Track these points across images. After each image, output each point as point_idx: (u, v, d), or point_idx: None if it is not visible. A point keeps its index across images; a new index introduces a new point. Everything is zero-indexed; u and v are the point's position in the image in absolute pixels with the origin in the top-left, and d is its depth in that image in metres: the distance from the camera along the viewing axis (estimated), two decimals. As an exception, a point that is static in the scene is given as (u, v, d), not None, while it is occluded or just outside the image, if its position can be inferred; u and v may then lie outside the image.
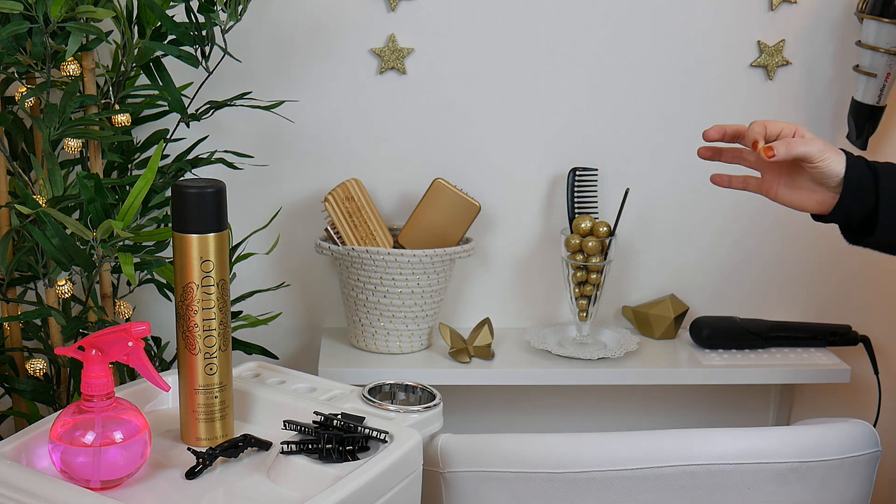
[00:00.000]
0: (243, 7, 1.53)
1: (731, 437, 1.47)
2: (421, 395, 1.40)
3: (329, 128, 1.85)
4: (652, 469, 1.43)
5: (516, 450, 1.45)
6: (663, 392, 2.01)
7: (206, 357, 1.21)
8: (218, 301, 1.21)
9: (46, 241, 1.41)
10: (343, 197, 1.77)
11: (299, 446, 1.18)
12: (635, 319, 1.95)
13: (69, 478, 1.13)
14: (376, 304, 1.78)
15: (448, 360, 1.81)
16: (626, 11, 1.84)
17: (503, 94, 1.86)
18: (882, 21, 1.76)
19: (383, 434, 1.20)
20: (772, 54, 1.87)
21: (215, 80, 1.66)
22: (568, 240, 1.83)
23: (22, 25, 1.40)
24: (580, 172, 1.87)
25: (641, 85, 1.88)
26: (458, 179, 1.84)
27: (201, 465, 1.17)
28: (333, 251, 1.77)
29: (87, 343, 1.13)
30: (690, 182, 1.92)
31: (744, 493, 1.45)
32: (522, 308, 1.97)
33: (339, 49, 1.82)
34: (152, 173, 1.41)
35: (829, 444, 1.47)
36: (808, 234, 1.96)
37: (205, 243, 1.19)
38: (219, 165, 1.66)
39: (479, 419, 2.01)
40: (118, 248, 1.45)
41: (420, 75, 1.84)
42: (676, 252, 1.96)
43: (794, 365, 1.85)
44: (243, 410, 1.31)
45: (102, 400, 1.13)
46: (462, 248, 1.78)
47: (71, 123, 1.46)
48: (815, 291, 2.00)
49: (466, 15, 1.82)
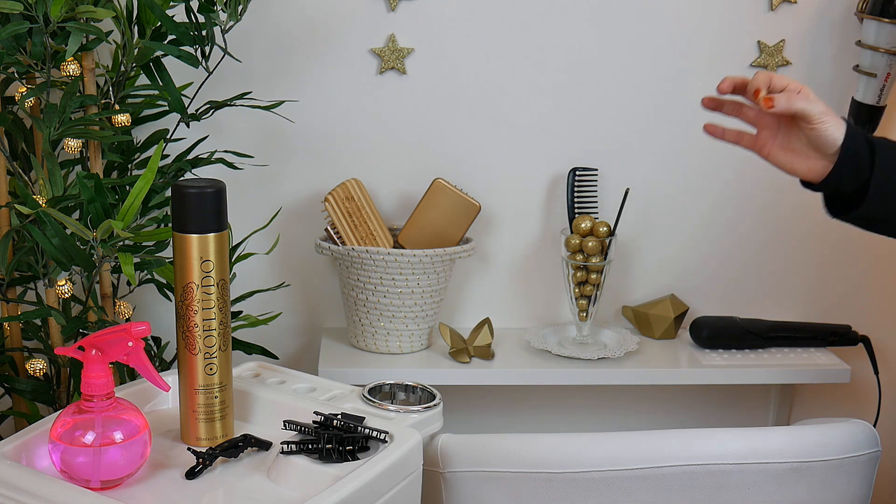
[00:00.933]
0: (243, 7, 1.54)
1: (731, 436, 1.47)
2: (421, 395, 1.40)
3: (329, 128, 1.85)
4: (652, 469, 1.43)
5: (516, 450, 1.45)
6: (663, 392, 2.01)
7: (206, 357, 1.21)
8: (218, 301, 1.21)
9: (46, 241, 1.41)
10: (343, 197, 1.77)
11: (299, 446, 1.18)
12: (635, 319, 1.95)
13: (69, 478, 1.13)
14: (376, 304, 1.78)
15: (448, 360, 1.81)
16: (627, 11, 1.84)
17: (503, 94, 1.86)
18: (882, 21, 1.76)
19: (383, 434, 1.20)
20: (772, 54, 1.87)
21: (215, 80, 1.66)
22: (568, 240, 1.83)
23: (22, 25, 1.40)
24: (580, 172, 1.87)
25: (641, 85, 1.88)
26: (458, 179, 1.84)
27: (201, 465, 1.17)
28: (333, 251, 1.77)
29: (87, 343, 1.13)
30: (690, 182, 1.92)
31: (743, 493, 1.45)
32: (522, 308, 1.97)
33: (339, 49, 1.82)
34: (152, 173, 1.41)
35: (829, 445, 1.47)
36: (809, 235, 1.96)
37: (205, 243, 1.19)
38: (219, 165, 1.66)
39: (479, 419, 2.01)
40: (118, 248, 1.45)
41: (420, 75, 1.85)
42: (676, 252, 1.96)
43: (794, 365, 1.85)
44: (243, 410, 1.31)
45: (102, 400, 1.13)
46: (462, 248, 1.78)
47: (71, 123, 1.46)
48: (815, 291, 2.00)
49: (466, 15, 1.82)
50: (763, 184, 1.93)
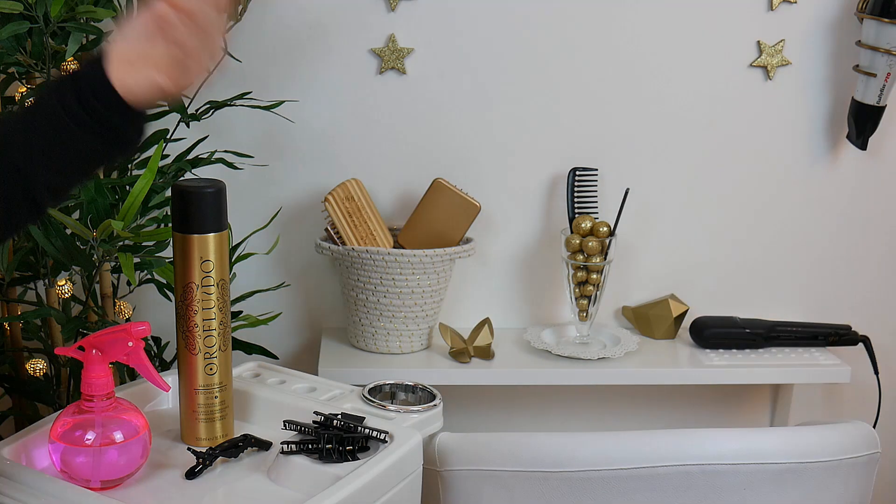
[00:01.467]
0: (243, 7, 1.54)
1: (727, 437, 1.47)
2: (421, 395, 1.40)
3: (329, 128, 1.85)
4: (647, 469, 1.44)
5: (513, 449, 1.45)
6: (663, 392, 2.01)
7: (206, 357, 1.21)
8: (218, 301, 1.21)
9: (46, 241, 1.41)
10: (343, 197, 1.77)
11: (299, 446, 1.18)
12: (635, 319, 1.95)
13: (69, 478, 1.13)
14: (376, 304, 1.78)
15: (448, 360, 1.81)
16: (626, 11, 1.84)
17: (503, 94, 1.86)
18: (882, 21, 1.76)
19: (383, 434, 1.20)
20: (772, 54, 1.87)
21: (215, 80, 1.66)
22: (568, 240, 1.83)
23: (22, 25, 1.40)
24: (580, 172, 1.87)
25: (641, 85, 1.88)
26: (458, 179, 1.84)
27: (201, 465, 1.17)
28: (333, 251, 1.77)
29: (87, 343, 1.13)
30: (690, 182, 1.92)
31: (740, 494, 1.45)
32: (522, 308, 1.97)
33: (339, 49, 1.82)
34: (152, 173, 1.41)
35: (827, 445, 1.47)
36: (809, 235, 1.96)
37: (205, 243, 1.19)
38: (219, 165, 1.66)
39: (478, 419, 2.01)
40: (118, 248, 1.45)
41: (420, 75, 1.85)
42: (676, 252, 1.96)
43: (794, 365, 1.85)
44: (243, 410, 1.31)
45: (102, 400, 1.13)
46: (462, 248, 1.78)
47: (71, 123, 1.46)
48: (815, 291, 2.00)
49: (466, 15, 1.82)
50: (763, 183, 1.93)
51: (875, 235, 1.98)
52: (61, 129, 1.01)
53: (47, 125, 1.01)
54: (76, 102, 1.00)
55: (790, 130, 1.92)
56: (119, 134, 1.03)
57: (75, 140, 1.01)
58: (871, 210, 1.96)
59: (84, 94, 1.00)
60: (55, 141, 1.01)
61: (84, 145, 1.02)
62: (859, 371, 1.91)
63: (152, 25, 1.02)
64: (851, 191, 1.95)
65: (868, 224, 1.97)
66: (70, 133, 1.01)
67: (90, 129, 1.01)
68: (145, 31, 1.02)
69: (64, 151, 1.02)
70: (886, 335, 2.00)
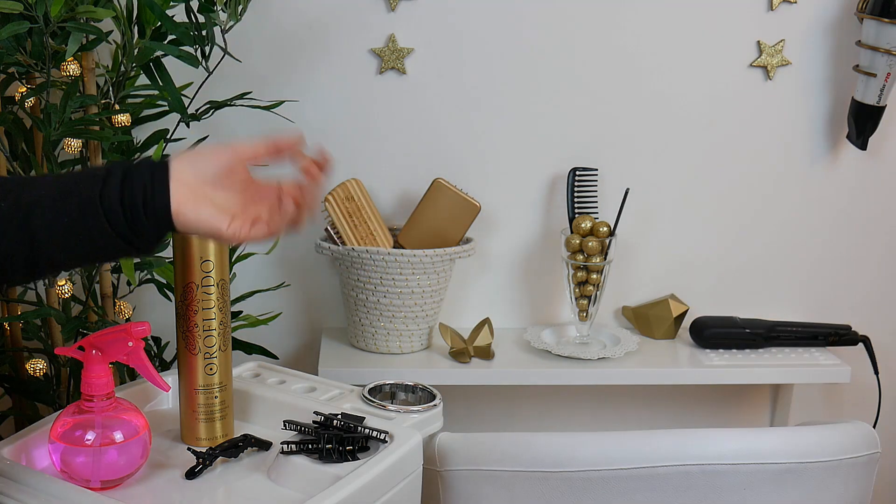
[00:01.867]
0: (243, 7, 1.53)
1: (727, 437, 1.47)
2: (421, 395, 1.40)
3: (329, 128, 1.85)
4: (647, 469, 1.44)
5: (513, 449, 1.45)
6: (663, 392, 2.01)
7: (206, 357, 1.21)
8: (218, 301, 1.21)
9: (46, 241, 1.41)
10: (343, 197, 1.77)
11: (299, 446, 1.18)
12: (635, 319, 1.95)
13: (69, 478, 1.13)
14: (376, 304, 1.78)
15: (448, 360, 1.81)
16: (626, 11, 1.84)
17: (503, 94, 1.86)
18: (882, 21, 1.76)
19: (383, 434, 1.20)
20: (772, 54, 1.87)
21: (215, 80, 1.66)
22: (568, 240, 1.83)
23: (22, 25, 1.40)
24: (580, 172, 1.87)
25: (641, 85, 1.88)
26: (458, 179, 1.84)
27: (201, 465, 1.17)
28: (333, 251, 1.77)
29: (87, 343, 1.13)
30: (690, 182, 1.92)
31: (740, 494, 1.45)
32: (522, 308, 1.97)
33: (339, 49, 1.82)
34: (152, 173, 1.40)
35: (827, 445, 1.47)
36: (809, 235, 1.96)
37: (205, 243, 1.19)
38: (219, 165, 1.66)
39: (478, 419, 2.01)
40: (118, 248, 1.45)
41: (420, 75, 1.85)
42: (676, 252, 1.96)
43: (794, 365, 1.85)
44: (243, 410, 1.31)
45: (102, 400, 1.13)
46: (462, 248, 1.78)
47: (71, 123, 1.46)
48: (815, 291, 2.00)
49: (466, 15, 1.82)
50: (763, 183, 1.93)
51: (875, 235, 1.98)
52: (92, 223, 0.95)
53: (78, 212, 0.95)
54: (119, 206, 0.95)
55: (790, 130, 1.92)
56: (146, 243, 0.99)
57: (103, 236, 0.96)
58: (870, 210, 1.97)
59: (133, 203, 0.95)
60: (80, 229, 0.96)
61: (106, 242, 0.97)
62: (859, 371, 1.91)
63: (242, 178, 1.00)
64: (851, 191, 1.95)
65: (868, 224, 1.97)
66: (100, 230, 0.95)
67: (123, 235, 0.96)
68: (227, 176, 0.99)
69: (84, 241, 0.96)
70: (886, 335, 2.00)
